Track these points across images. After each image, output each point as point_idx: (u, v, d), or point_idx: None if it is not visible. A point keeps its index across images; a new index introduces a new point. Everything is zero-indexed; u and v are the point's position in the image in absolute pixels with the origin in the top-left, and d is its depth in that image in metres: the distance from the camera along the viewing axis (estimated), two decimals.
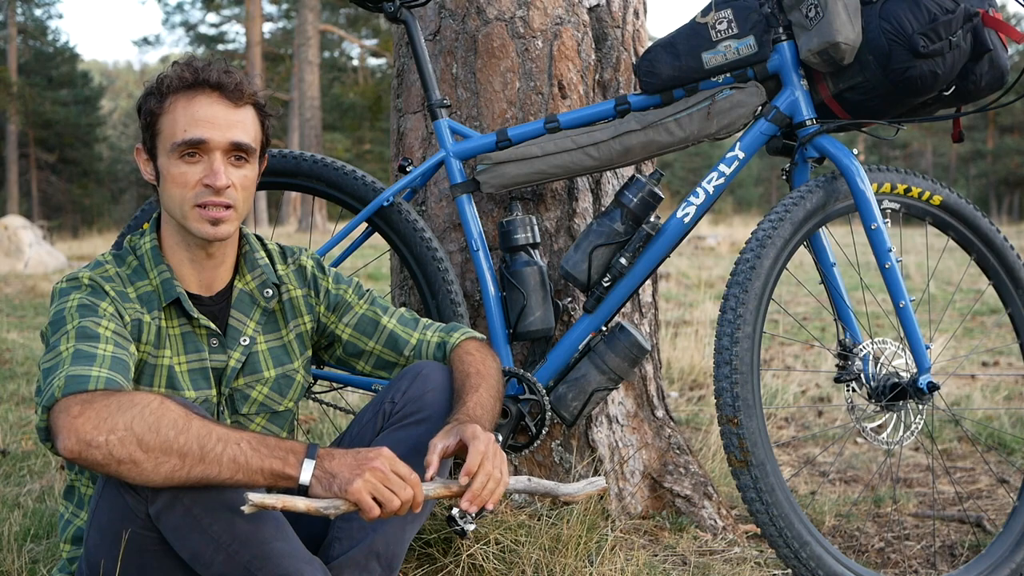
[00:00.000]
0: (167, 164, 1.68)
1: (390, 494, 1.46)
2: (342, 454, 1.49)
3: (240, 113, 1.70)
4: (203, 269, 1.75)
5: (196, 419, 1.44)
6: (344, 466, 1.46)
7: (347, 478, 1.45)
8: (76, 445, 1.39)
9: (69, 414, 1.41)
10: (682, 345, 4.79)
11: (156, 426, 1.40)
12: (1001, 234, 2.28)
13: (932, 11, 1.99)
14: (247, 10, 25.79)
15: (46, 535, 2.37)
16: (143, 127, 1.71)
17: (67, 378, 1.47)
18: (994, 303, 6.89)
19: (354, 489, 1.44)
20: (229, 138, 1.67)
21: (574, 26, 2.42)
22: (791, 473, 3.22)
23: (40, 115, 31.34)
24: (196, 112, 1.66)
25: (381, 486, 1.46)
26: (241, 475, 1.43)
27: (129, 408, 1.41)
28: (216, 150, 1.67)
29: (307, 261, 1.91)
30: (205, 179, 1.66)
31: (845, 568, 2.02)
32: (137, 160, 1.76)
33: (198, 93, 1.67)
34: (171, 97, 1.68)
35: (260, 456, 1.44)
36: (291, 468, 1.45)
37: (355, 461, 1.47)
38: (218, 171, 1.66)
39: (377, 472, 1.46)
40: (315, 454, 1.47)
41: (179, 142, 1.65)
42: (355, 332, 1.92)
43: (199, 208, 1.67)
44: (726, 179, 2.14)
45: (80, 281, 1.65)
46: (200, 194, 1.66)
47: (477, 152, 2.23)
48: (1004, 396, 4.25)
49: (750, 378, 2.00)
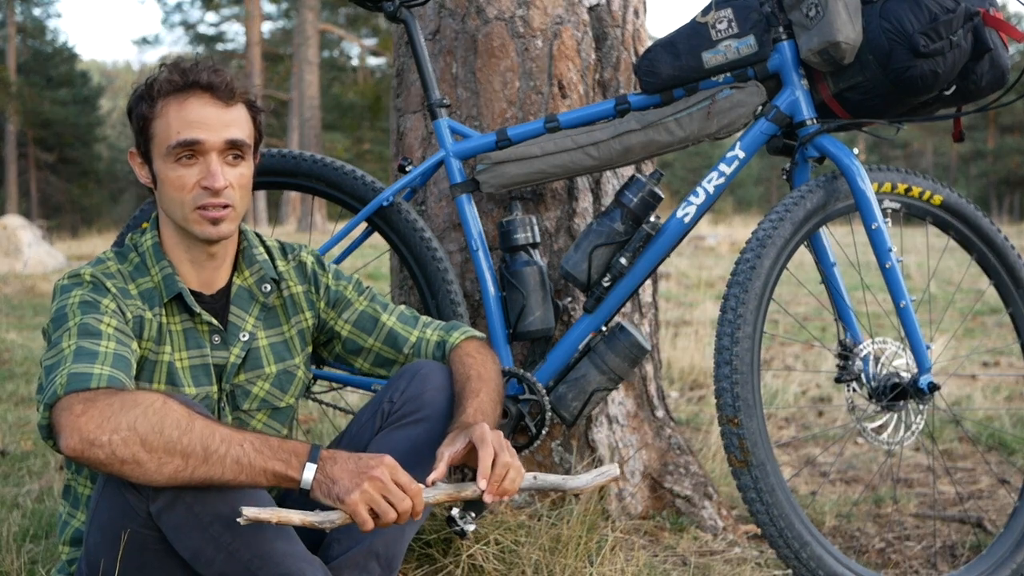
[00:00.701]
0: (163, 168, 1.67)
1: (387, 506, 1.45)
2: (344, 459, 1.47)
3: (232, 112, 1.69)
4: (203, 268, 1.75)
5: (199, 419, 1.43)
6: (345, 472, 1.45)
7: (346, 487, 1.44)
8: (79, 444, 1.39)
9: (72, 412, 1.41)
10: (682, 345, 4.79)
11: (159, 426, 1.40)
12: (1002, 234, 2.28)
13: (933, 11, 1.99)
14: (246, 10, 25.79)
15: (45, 535, 2.37)
16: (136, 131, 1.70)
17: (69, 375, 1.46)
18: (994, 303, 6.89)
19: (351, 500, 1.43)
20: (224, 137, 1.67)
21: (574, 26, 2.41)
22: (791, 473, 3.22)
23: (39, 115, 31.33)
24: (189, 114, 1.65)
25: (379, 497, 1.44)
26: (244, 476, 1.43)
27: (132, 408, 1.41)
28: (212, 151, 1.66)
29: (307, 257, 1.91)
30: (203, 181, 1.65)
31: (845, 568, 2.02)
32: (132, 164, 1.75)
33: (189, 95, 1.66)
34: (161, 101, 1.67)
35: (263, 457, 1.43)
36: (293, 471, 1.44)
37: (356, 468, 1.46)
38: (215, 172, 1.65)
39: (376, 482, 1.45)
40: (317, 457, 1.46)
41: (173, 144, 1.65)
42: (354, 329, 1.91)
43: (199, 210, 1.67)
44: (726, 179, 2.14)
45: (82, 278, 1.65)
46: (199, 196, 1.66)
47: (477, 152, 2.23)
48: (1005, 396, 4.25)
49: (750, 378, 2.00)
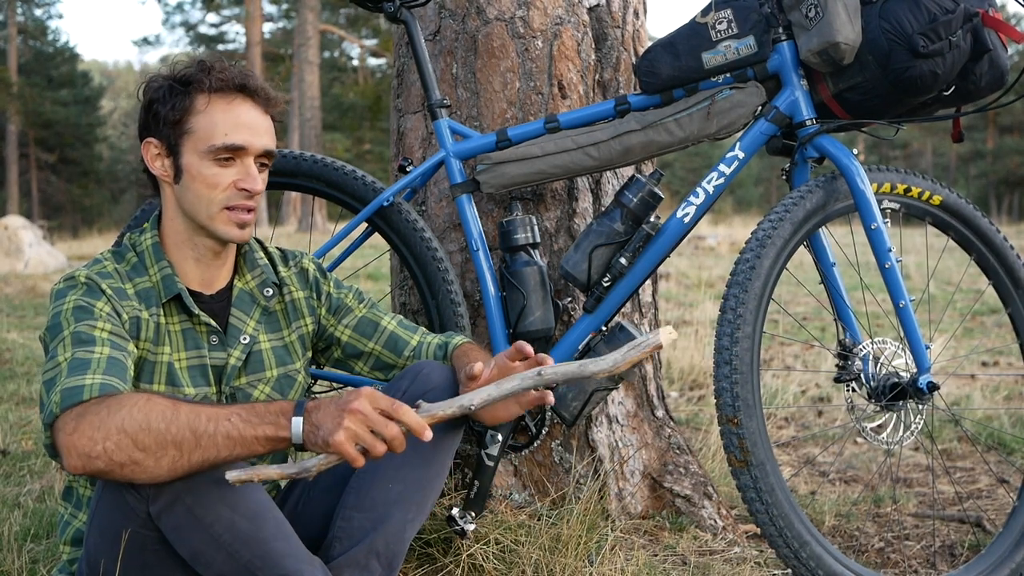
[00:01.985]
0: (197, 164, 1.67)
1: (372, 438, 1.41)
2: (327, 403, 1.45)
3: (268, 120, 1.74)
4: (207, 268, 1.76)
5: (183, 406, 1.43)
6: (327, 416, 1.42)
7: (329, 428, 1.40)
8: (78, 461, 1.40)
9: (65, 432, 1.42)
10: (682, 345, 4.79)
11: (146, 422, 1.40)
12: (1001, 234, 2.28)
13: (932, 11, 1.99)
14: (247, 10, 25.79)
15: (46, 535, 2.37)
16: (165, 122, 1.68)
17: (63, 393, 1.46)
18: (994, 303, 6.89)
19: (336, 440, 1.39)
20: (263, 145, 1.70)
21: (574, 26, 2.42)
22: (791, 473, 3.23)
23: (40, 115, 31.36)
24: (239, 117, 1.68)
25: (364, 430, 1.40)
26: (239, 449, 1.42)
27: (118, 411, 1.41)
28: (251, 155, 1.69)
29: (309, 264, 1.92)
30: (240, 183, 1.68)
31: (845, 568, 2.02)
32: (144, 154, 1.72)
33: (236, 97, 1.69)
34: (205, 97, 1.67)
35: (252, 425, 1.42)
36: (283, 430, 1.43)
37: (336, 409, 1.42)
38: (255, 176, 1.69)
39: (357, 415, 1.40)
40: (303, 410, 1.44)
41: (219, 146, 1.66)
42: (355, 334, 1.93)
43: (228, 211, 1.68)
44: (726, 179, 2.14)
45: (76, 280, 1.65)
46: (232, 196, 1.68)
47: (477, 152, 2.23)
48: (1004, 396, 4.25)
49: (750, 378, 2.00)
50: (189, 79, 1.69)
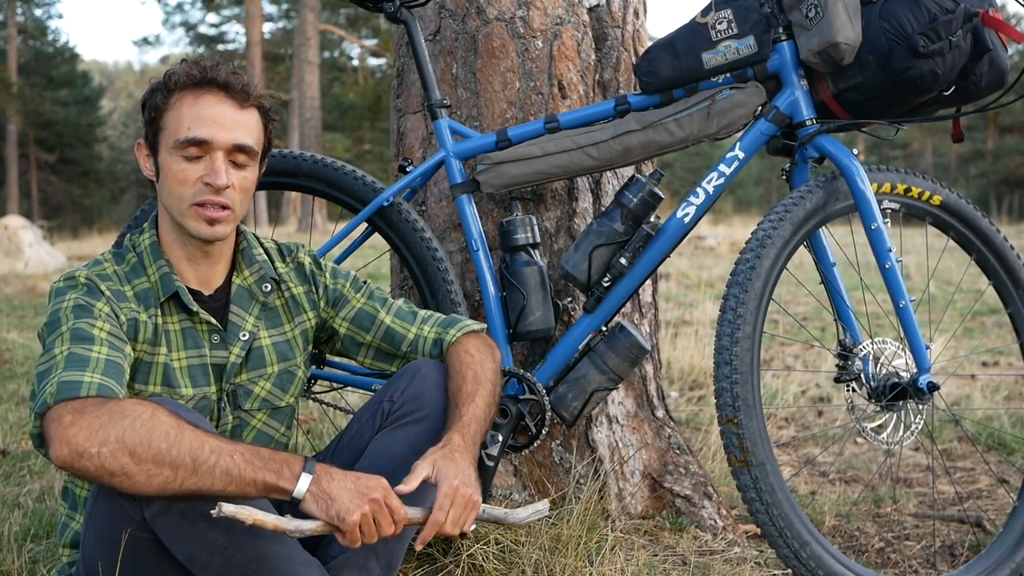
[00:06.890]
0: (168, 160, 1.67)
1: (374, 529, 1.48)
2: (341, 476, 1.47)
3: (244, 115, 1.70)
4: (200, 266, 1.75)
5: (188, 430, 1.42)
6: (344, 491, 1.45)
7: (347, 507, 1.44)
8: (68, 455, 1.38)
9: (61, 423, 1.40)
10: (682, 345, 4.79)
11: (147, 438, 1.39)
12: (1001, 234, 2.28)
13: (932, 11, 1.99)
14: (247, 10, 25.78)
15: (46, 535, 2.37)
16: (147, 122, 1.71)
17: (59, 384, 1.45)
18: (994, 303, 6.89)
19: (352, 521, 1.44)
20: (232, 139, 1.67)
21: (574, 26, 2.42)
22: (791, 473, 3.22)
23: (40, 115, 31.36)
24: (202, 111, 1.66)
25: (372, 520, 1.47)
26: (234, 487, 1.41)
27: (121, 419, 1.40)
28: (219, 150, 1.67)
29: (305, 258, 1.91)
30: (205, 177, 1.66)
31: (845, 568, 2.02)
32: (138, 155, 1.75)
33: (205, 92, 1.67)
34: (177, 94, 1.68)
35: (253, 468, 1.42)
36: (285, 481, 1.43)
37: (356, 489, 1.46)
38: (219, 170, 1.66)
39: (375, 505, 1.47)
40: (313, 469, 1.45)
41: (182, 140, 1.65)
42: (352, 326, 1.92)
43: (197, 207, 1.67)
44: (726, 179, 2.14)
45: (77, 280, 1.65)
46: (199, 192, 1.66)
47: (477, 152, 2.23)
48: (1004, 396, 4.25)
49: (750, 378, 2.00)
50: (169, 77, 1.70)
